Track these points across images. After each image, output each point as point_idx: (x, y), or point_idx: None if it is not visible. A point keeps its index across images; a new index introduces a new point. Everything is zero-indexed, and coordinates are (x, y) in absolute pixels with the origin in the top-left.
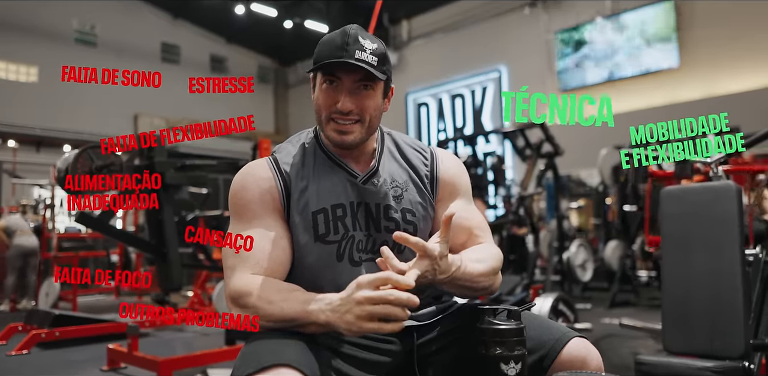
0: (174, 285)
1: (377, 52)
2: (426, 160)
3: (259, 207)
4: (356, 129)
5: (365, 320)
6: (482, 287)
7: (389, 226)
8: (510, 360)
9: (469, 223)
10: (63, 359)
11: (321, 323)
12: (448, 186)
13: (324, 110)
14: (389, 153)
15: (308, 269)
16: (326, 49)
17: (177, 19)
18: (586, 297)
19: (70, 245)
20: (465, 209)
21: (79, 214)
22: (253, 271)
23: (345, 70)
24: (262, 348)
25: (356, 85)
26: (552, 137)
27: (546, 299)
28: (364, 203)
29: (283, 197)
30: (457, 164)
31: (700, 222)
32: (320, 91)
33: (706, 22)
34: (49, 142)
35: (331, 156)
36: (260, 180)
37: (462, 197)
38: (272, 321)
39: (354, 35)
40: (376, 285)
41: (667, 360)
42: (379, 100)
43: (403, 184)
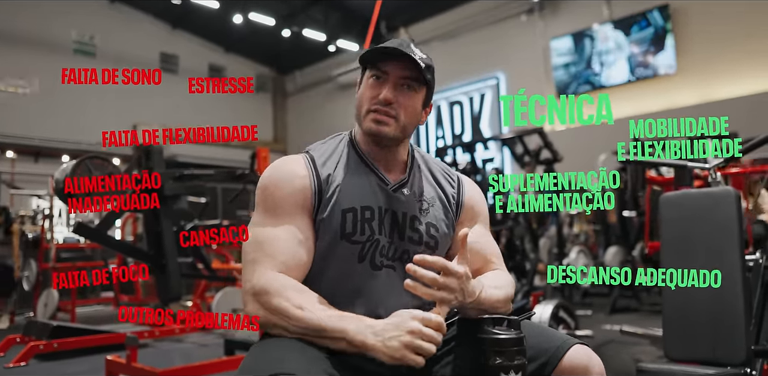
0: (173, 295)
1: (426, 60)
2: (453, 182)
3: (290, 205)
4: (392, 123)
5: (410, 350)
6: (498, 312)
7: (413, 236)
8: (510, 370)
9: (486, 250)
10: (61, 370)
11: (356, 343)
12: (470, 211)
13: (366, 103)
14: (420, 169)
15: (328, 267)
16: (379, 47)
17: (175, 29)
18: (587, 303)
19: (69, 256)
20: (483, 235)
21: (77, 224)
22: (277, 268)
23: (394, 64)
24: (264, 357)
25: (401, 81)
26: (550, 144)
27: (546, 305)
28: (392, 210)
29: (315, 196)
30: (479, 192)
31: (699, 228)
32: (366, 86)
33: (702, 27)
34: (48, 152)
35: (365, 159)
36: (295, 177)
37: (481, 223)
38: (302, 327)
39: (408, 42)
40: (427, 325)
41: (669, 367)
42: (418, 105)
43: (431, 200)
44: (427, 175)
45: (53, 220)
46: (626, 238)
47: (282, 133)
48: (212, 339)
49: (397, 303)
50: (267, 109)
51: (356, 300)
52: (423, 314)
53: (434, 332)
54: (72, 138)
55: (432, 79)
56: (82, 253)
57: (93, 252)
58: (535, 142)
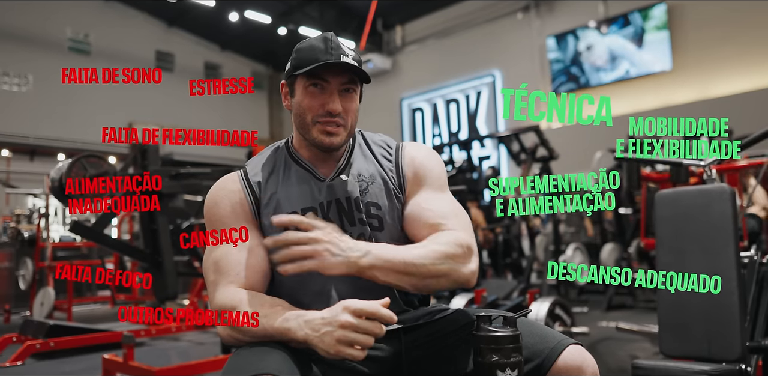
0: (169, 293)
1: (356, 57)
2: (390, 156)
3: (232, 220)
4: (341, 132)
5: (345, 344)
6: (433, 273)
7: (362, 218)
8: (506, 367)
9: (430, 213)
10: (58, 370)
11: (299, 340)
12: (413, 178)
13: (310, 113)
14: (359, 151)
15: None
16: (310, 54)
17: (171, 27)
18: (583, 300)
19: (65, 255)
20: (427, 200)
21: (74, 223)
22: (235, 283)
23: (333, 73)
24: (246, 358)
25: (342, 87)
26: (546, 141)
27: (543, 303)
28: (335, 199)
29: (254, 208)
30: (423, 155)
31: (694, 225)
32: (305, 95)
33: (698, 24)
34: (43, 151)
35: (301, 162)
36: (230, 193)
37: (428, 187)
38: (254, 337)
39: (335, 41)
40: (362, 315)
41: (664, 364)
42: (357, 102)
43: (369, 178)
44: (366, 154)
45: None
46: (622, 235)
47: (278, 131)
48: (209, 338)
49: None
50: (263, 107)
51: (319, 301)
52: (357, 304)
53: (369, 324)
54: (67, 136)
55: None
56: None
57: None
58: (531, 139)
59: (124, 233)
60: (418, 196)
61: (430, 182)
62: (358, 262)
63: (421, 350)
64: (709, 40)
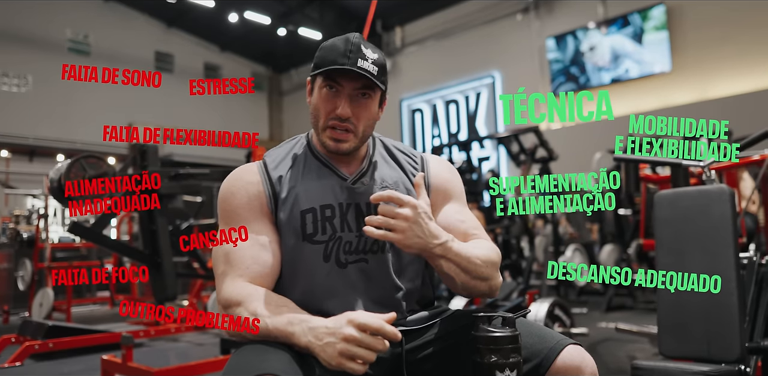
0: (169, 294)
1: (378, 62)
2: (416, 164)
3: (247, 212)
4: (351, 138)
5: (346, 358)
6: (482, 275)
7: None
8: (505, 368)
9: (464, 225)
10: (57, 370)
11: (301, 345)
12: (440, 191)
13: (323, 116)
14: (380, 157)
15: (297, 270)
16: (329, 54)
17: (171, 27)
18: (582, 301)
19: (64, 255)
20: (459, 212)
21: (72, 224)
22: (243, 277)
23: (347, 77)
24: (248, 358)
25: (356, 92)
26: (546, 142)
27: (542, 304)
28: (354, 203)
29: (271, 201)
30: (448, 169)
31: (694, 226)
32: (319, 95)
33: (697, 25)
34: (42, 151)
35: (322, 159)
36: (248, 185)
37: (455, 200)
38: (257, 336)
39: (357, 44)
40: (366, 330)
41: (663, 365)
42: (375, 109)
43: (393, 185)
44: (388, 160)
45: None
46: (621, 236)
47: (278, 132)
48: (208, 339)
49: (373, 296)
50: (263, 108)
51: (329, 300)
52: (361, 318)
53: (372, 339)
54: (66, 137)
55: (386, 79)
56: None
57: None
58: (530, 140)
59: (123, 233)
60: (449, 207)
61: (457, 196)
62: (433, 249)
63: (421, 351)
64: (708, 41)
